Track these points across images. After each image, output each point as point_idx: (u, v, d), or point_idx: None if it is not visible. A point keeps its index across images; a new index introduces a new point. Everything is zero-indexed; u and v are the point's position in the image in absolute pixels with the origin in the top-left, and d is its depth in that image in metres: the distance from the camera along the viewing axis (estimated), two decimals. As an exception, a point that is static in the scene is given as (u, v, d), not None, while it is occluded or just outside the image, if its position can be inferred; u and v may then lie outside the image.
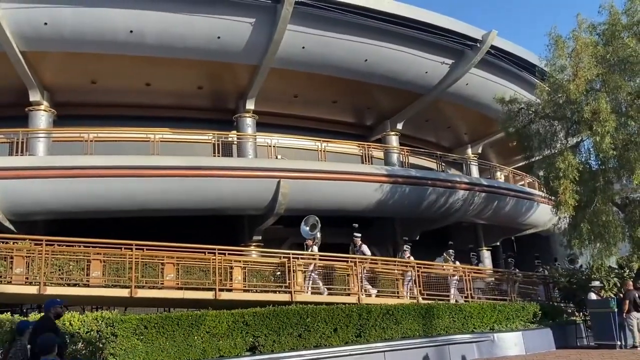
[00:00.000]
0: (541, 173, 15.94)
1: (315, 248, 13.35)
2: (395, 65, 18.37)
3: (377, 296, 13.35)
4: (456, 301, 14.06)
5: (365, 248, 14.05)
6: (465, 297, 14.44)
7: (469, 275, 14.75)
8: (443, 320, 12.20)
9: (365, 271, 13.48)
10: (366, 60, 17.81)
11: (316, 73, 17.83)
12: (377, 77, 18.63)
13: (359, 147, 19.97)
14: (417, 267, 13.93)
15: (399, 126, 21.33)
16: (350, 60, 17.67)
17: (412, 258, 14.55)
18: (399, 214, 19.08)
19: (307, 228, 13.52)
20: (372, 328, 11.18)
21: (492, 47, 19.05)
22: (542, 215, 21.39)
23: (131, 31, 15.22)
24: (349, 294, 13.17)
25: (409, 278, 13.96)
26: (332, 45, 17.01)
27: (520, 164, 24.07)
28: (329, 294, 13.11)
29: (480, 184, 19.82)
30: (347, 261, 13.54)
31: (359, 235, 14.09)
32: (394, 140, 21.43)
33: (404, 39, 17.89)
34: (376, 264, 14.46)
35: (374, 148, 20.32)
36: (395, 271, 14.15)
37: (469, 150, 24.81)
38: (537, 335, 13.19)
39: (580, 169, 13.74)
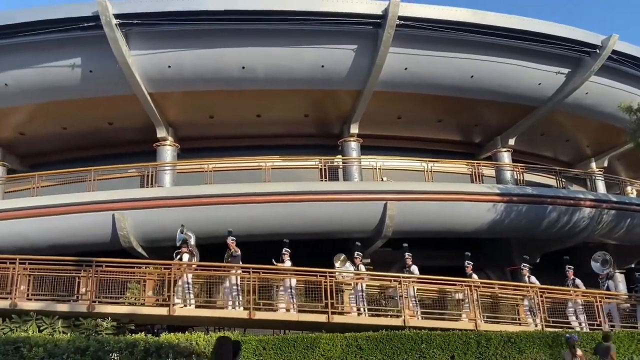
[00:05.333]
0: (682, 186, 14.23)
1: (186, 257, 12.81)
2: (504, 79, 17.61)
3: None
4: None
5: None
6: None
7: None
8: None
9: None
10: (472, 76, 17.30)
11: (420, 93, 17.64)
12: (484, 93, 17.96)
13: (467, 165, 19.24)
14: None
15: (511, 142, 20.26)
16: (455, 78, 17.28)
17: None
18: (516, 235, 18.01)
19: (182, 235, 13.10)
20: (492, 356, 10.58)
21: (614, 52, 17.53)
22: (687, 233, 18.92)
23: (243, 67, 16.29)
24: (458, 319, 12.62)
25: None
26: (436, 64, 16.78)
27: (656, 176, 21.69)
28: (438, 318, 12.60)
29: (609, 200, 18.06)
30: (456, 284, 13.01)
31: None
32: (505, 157, 20.35)
33: (512, 51, 17.14)
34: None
35: (484, 166, 19.45)
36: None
37: (593, 164, 22.89)
38: (688, 370, 11.58)
39: None
